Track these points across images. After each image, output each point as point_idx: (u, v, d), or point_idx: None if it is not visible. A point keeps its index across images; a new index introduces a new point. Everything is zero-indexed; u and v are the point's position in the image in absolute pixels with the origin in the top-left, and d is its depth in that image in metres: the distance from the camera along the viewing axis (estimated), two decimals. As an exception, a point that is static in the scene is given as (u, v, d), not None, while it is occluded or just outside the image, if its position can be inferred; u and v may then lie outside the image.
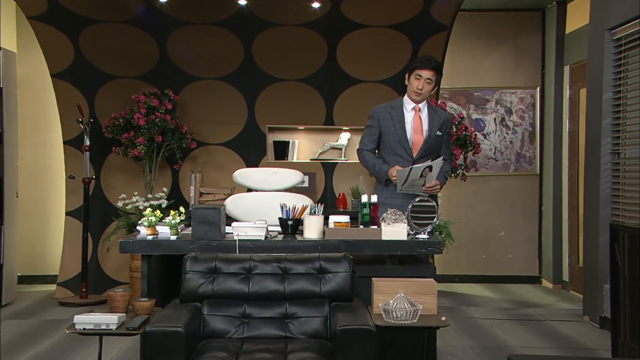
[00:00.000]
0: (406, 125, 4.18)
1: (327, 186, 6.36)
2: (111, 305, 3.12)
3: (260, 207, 4.34)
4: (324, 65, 6.19)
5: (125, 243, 3.47)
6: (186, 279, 3.18)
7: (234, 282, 3.17)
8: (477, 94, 7.16)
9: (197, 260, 3.21)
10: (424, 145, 4.16)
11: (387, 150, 4.25)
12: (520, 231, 7.16)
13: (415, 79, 4.14)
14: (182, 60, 6.17)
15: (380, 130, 4.24)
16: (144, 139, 5.79)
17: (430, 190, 4.08)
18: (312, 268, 3.22)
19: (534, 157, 7.14)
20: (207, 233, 3.45)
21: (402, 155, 4.17)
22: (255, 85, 6.25)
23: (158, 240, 3.48)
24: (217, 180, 6.26)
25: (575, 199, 6.57)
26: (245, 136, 6.32)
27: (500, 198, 7.19)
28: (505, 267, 7.16)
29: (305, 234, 3.60)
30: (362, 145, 4.35)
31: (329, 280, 3.20)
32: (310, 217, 3.60)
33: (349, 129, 6.40)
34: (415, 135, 4.18)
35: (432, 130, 4.17)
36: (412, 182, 4.03)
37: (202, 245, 3.44)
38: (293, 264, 3.23)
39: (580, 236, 6.47)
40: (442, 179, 4.19)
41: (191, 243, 3.45)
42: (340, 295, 3.19)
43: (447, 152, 4.30)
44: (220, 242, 3.45)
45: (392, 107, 4.26)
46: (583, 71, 6.43)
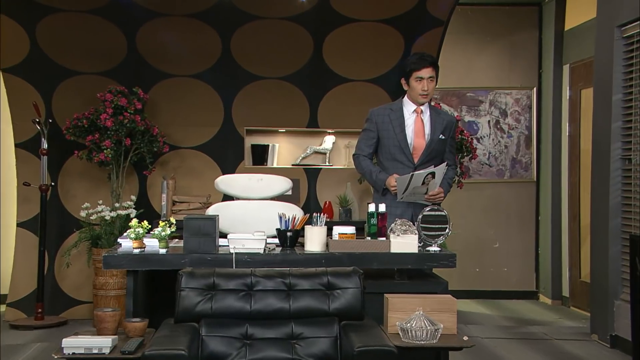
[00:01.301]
0: (407, 129, 4.22)
1: (310, 194, 6.38)
2: (100, 326, 3.08)
3: (245, 217, 4.32)
4: (308, 63, 6.21)
5: (109, 258, 3.43)
6: (182, 297, 3.15)
7: (234, 300, 3.16)
8: (469, 95, 7.27)
9: (194, 275, 3.19)
10: (426, 150, 4.20)
11: (386, 155, 4.28)
12: (516, 243, 7.28)
13: (417, 81, 4.19)
14: (152, 56, 6.12)
15: (378, 135, 4.27)
16: (111, 141, 5.73)
17: (433, 198, 4.12)
18: (319, 284, 3.23)
19: (531, 162, 7.28)
20: (200, 246, 3.43)
21: (402, 161, 4.20)
22: (232, 84, 6.23)
23: (146, 254, 3.45)
24: (189, 187, 6.23)
25: (576, 207, 6.70)
26: (221, 139, 6.30)
27: (495, 207, 7.30)
28: (500, 282, 7.26)
29: (307, 247, 3.60)
30: (358, 150, 4.37)
31: (338, 297, 3.21)
32: (312, 228, 3.61)
33: (334, 132, 6.42)
34: (416, 140, 4.22)
35: (435, 134, 4.22)
36: (413, 190, 4.06)
37: (195, 259, 3.42)
38: (298, 279, 3.23)
39: (582, 248, 6.60)
40: (445, 186, 4.23)
41: (183, 257, 3.43)
42: (350, 313, 3.20)
43: (451, 157, 4.35)
44: (215, 256, 3.44)
45: (391, 109, 4.30)
46: (585, 70, 6.58)
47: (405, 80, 4.25)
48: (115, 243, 5.81)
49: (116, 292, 5.80)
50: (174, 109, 6.23)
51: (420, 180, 4.02)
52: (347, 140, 6.43)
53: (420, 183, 4.03)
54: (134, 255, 3.43)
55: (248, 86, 6.25)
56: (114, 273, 5.76)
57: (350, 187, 6.17)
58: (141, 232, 3.45)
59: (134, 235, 3.45)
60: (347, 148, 6.44)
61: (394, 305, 3.17)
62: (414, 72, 4.18)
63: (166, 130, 6.09)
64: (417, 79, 4.18)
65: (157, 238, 3.48)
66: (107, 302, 5.76)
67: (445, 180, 4.22)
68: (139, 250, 3.46)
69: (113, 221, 5.82)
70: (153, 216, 6.04)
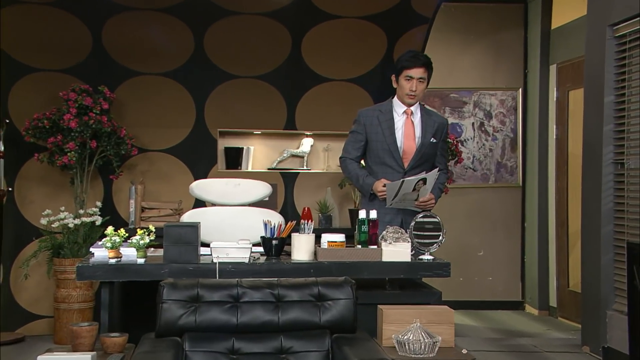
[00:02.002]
0: (396, 132, 4.24)
1: (287, 199, 6.38)
2: (75, 342, 3.04)
3: (222, 224, 4.32)
4: (286, 61, 6.20)
5: (83, 268, 3.40)
6: (163, 310, 3.13)
7: (220, 312, 3.14)
8: (453, 96, 7.34)
9: (176, 287, 3.17)
10: (417, 154, 4.23)
11: (374, 159, 4.29)
12: (501, 250, 7.36)
13: (406, 80, 4.21)
14: (119, 52, 6.06)
15: (366, 137, 4.29)
16: (75, 144, 5.67)
17: (424, 205, 4.14)
18: (310, 295, 3.23)
19: (516, 166, 7.37)
20: (182, 255, 3.42)
21: (391, 166, 4.23)
22: (205, 83, 6.20)
23: (123, 264, 3.42)
24: (159, 192, 6.19)
25: (564, 214, 6.80)
26: (193, 142, 6.27)
27: (479, 213, 7.37)
28: (485, 292, 7.34)
29: (295, 256, 3.61)
30: (345, 153, 4.39)
31: (329, 309, 3.21)
32: (299, 235, 3.62)
33: (313, 135, 6.44)
34: (406, 143, 4.24)
35: (426, 137, 4.25)
36: (403, 196, 4.09)
37: (176, 269, 3.42)
38: (287, 290, 3.23)
39: (571, 256, 6.71)
40: (437, 192, 4.26)
41: (163, 267, 3.42)
42: (342, 325, 3.20)
43: (443, 161, 4.38)
44: (197, 266, 3.44)
45: (380, 110, 4.32)
46: (572, 71, 6.69)
47: (395, 78, 4.28)
48: (79, 252, 5.77)
49: (79, 306, 5.74)
50: (143, 110, 6.18)
51: (411, 186, 4.05)
52: (326, 143, 6.45)
53: (410, 189, 4.06)
54: (110, 265, 3.41)
55: (222, 85, 6.22)
56: (77, 285, 5.70)
57: (331, 192, 6.19)
58: (118, 241, 3.43)
59: (110, 244, 3.42)
60: (326, 151, 6.46)
61: (389, 316, 3.19)
62: (405, 70, 4.21)
63: (134, 132, 6.04)
64: (406, 77, 4.21)
65: (135, 247, 3.45)
66: (69, 317, 5.70)
67: (437, 185, 4.25)
68: (116, 260, 3.44)
69: (77, 229, 5.76)
70: (120, 223, 5.97)
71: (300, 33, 6.14)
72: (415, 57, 4.23)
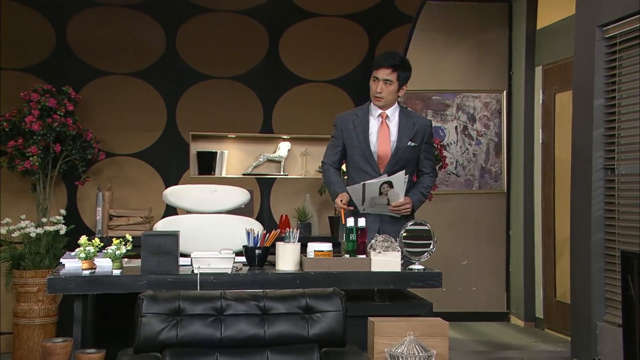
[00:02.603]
0: (370, 136, 4.30)
1: (263, 206, 6.39)
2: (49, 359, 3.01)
3: (198, 233, 4.33)
4: (263, 61, 6.23)
5: (54, 280, 3.37)
6: (142, 324, 3.10)
7: (203, 326, 3.13)
8: (435, 98, 7.40)
9: (156, 299, 3.15)
10: (392, 159, 4.28)
11: (352, 165, 4.37)
12: (485, 259, 7.43)
13: (373, 80, 4.28)
14: (85, 50, 6.03)
15: (343, 142, 4.35)
16: (38, 147, 5.62)
17: (397, 210, 4.20)
18: (297, 307, 3.23)
19: (501, 172, 7.45)
20: (161, 266, 3.42)
21: (367, 171, 4.28)
22: (177, 84, 6.20)
23: (98, 275, 3.41)
24: (127, 200, 6.16)
25: (551, 221, 6.89)
26: (163, 146, 6.26)
27: (462, 220, 7.43)
28: (469, 302, 7.39)
29: (280, 266, 3.63)
30: (324, 157, 4.48)
31: (317, 321, 3.22)
32: (284, 245, 3.63)
33: (290, 138, 6.46)
34: (381, 147, 4.30)
35: (402, 142, 4.29)
36: (371, 201, 4.13)
37: (155, 280, 3.41)
38: (273, 302, 3.23)
39: (558, 265, 6.79)
40: (418, 196, 4.32)
41: (140, 278, 3.41)
42: (331, 339, 3.21)
43: (428, 164, 4.42)
44: (176, 277, 3.43)
45: (356, 114, 4.38)
46: (559, 73, 6.79)
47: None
48: (41, 264, 5.70)
49: (42, 321, 5.68)
50: (110, 112, 6.15)
51: (376, 190, 4.10)
52: (304, 147, 6.47)
53: (376, 193, 4.10)
54: (84, 277, 3.40)
55: (195, 86, 6.22)
56: (39, 298, 5.64)
57: (309, 198, 6.20)
58: (92, 251, 3.41)
59: (84, 255, 3.40)
60: (304, 156, 6.48)
61: (381, 329, 3.21)
62: (374, 70, 4.28)
63: (101, 135, 6.00)
64: (373, 78, 4.28)
65: (111, 258, 3.43)
66: (30, 333, 5.63)
67: (418, 189, 4.32)
68: (90, 271, 3.42)
69: (39, 239, 5.69)
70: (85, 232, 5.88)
71: (278, 32, 6.16)
72: (385, 56, 4.28)
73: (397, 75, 4.25)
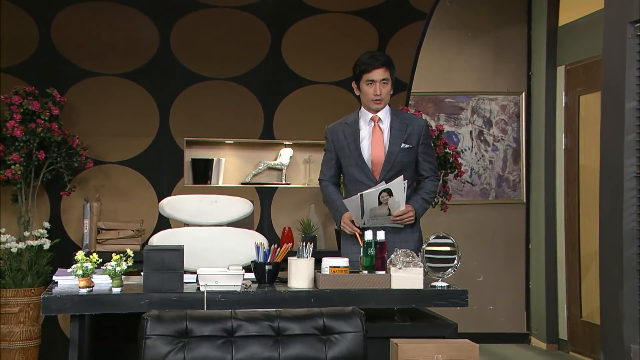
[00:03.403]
0: (361, 143, 4.38)
1: (263, 218, 6.40)
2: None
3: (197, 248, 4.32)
4: (264, 61, 6.25)
5: (49, 300, 3.37)
6: (147, 346, 3.10)
7: (212, 349, 3.12)
8: (448, 101, 7.43)
9: (162, 320, 3.14)
10: (387, 164, 4.34)
11: (348, 178, 4.46)
12: (503, 276, 7.44)
13: (368, 85, 4.35)
14: (71, 49, 6.04)
15: (336, 155, 4.45)
16: (20, 155, 5.62)
17: (400, 220, 4.25)
18: (314, 327, 3.23)
19: (520, 180, 7.47)
20: (164, 283, 3.42)
21: (363, 182, 4.35)
22: (171, 85, 6.21)
23: (96, 294, 3.42)
24: (116, 211, 6.17)
25: (575, 234, 6.90)
26: (155, 152, 6.27)
27: (478, 233, 7.45)
28: (485, 322, 7.40)
29: (292, 283, 3.65)
30: (320, 174, 4.59)
31: (336, 343, 3.21)
32: (297, 260, 3.65)
33: (293, 144, 6.48)
34: (374, 153, 4.37)
35: (395, 144, 4.35)
36: (372, 213, 4.18)
37: (158, 299, 3.42)
38: (288, 322, 3.22)
39: (584, 282, 6.81)
40: (420, 203, 4.37)
41: (143, 297, 3.41)
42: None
43: (428, 166, 4.46)
44: (181, 295, 3.44)
45: (346, 123, 4.49)
46: (584, 73, 6.82)
47: (357, 84, 4.42)
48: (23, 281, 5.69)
49: (23, 344, 5.67)
50: (98, 116, 6.15)
51: (374, 200, 4.14)
52: (308, 154, 6.49)
53: (376, 204, 4.14)
54: (82, 296, 3.40)
55: (190, 88, 6.24)
56: (20, 320, 5.64)
57: (314, 209, 6.22)
58: (90, 268, 3.41)
59: (81, 272, 3.40)
60: (308, 163, 6.50)
61: (405, 352, 3.22)
62: (364, 74, 4.34)
63: (88, 142, 6.01)
64: (368, 82, 4.34)
65: (110, 275, 3.44)
66: (11, 357, 5.62)
67: (420, 195, 4.38)
68: (87, 289, 3.43)
69: (21, 254, 5.69)
70: (70, 247, 5.94)
71: (281, 29, 6.18)
72: (373, 57, 4.37)
73: (390, 72, 4.37)
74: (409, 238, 4.31)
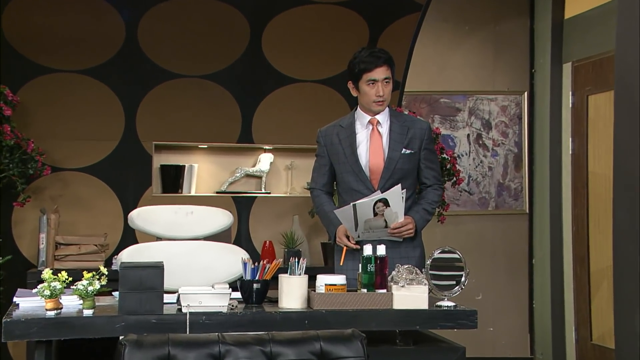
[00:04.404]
0: (358, 148, 4.38)
1: (241, 231, 6.41)
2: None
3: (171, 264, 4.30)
4: (243, 57, 6.27)
5: (12, 324, 3.35)
6: (125, 375, 3.09)
7: (197, 377, 3.12)
8: (443, 101, 7.45)
9: (141, 345, 3.12)
10: (386, 171, 4.35)
11: (342, 186, 4.46)
12: (504, 294, 7.45)
13: (369, 85, 4.34)
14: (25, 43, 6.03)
15: (330, 160, 4.45)
16: (-32, 161, 5.61)
17: (398, 233, 4.26)
18: (310, 352, 3.22)
19: (522, 189, 7.50)
20: (142, 304, 3.41)
21: (360, 190, 4.35)
22: (138, 83, 6.23)
23: (65, 317, 3.40)
24: (75, 224, 6.18)
25: (584, 248, 6.93)
26: (120, 158, 6.28)
27: (476, 247, 7.46)
28: (485, 346, 7.41)
29: (284, 303, 3.65)
30: (311, 182, 4.59)
31: (334, 370, 3.22)
32: (289, 278, 3.65)
33: (273, 149, 6.49)
34: (373, 159, 4.38)
35: (395, 149, 4.36)
36: (366, 225, 4.18)
37: (135, 322, 3.41)
38: (282, 346, 3.21)
39: (594, 301, 6.84)
40: (421, 214, 4.38)
41: (117, 320, 3.39)
42: (351, 391, 3.22)
43: (431, 174, 4.48)
44: (161, 318, 3.43)
45: (340, 125, 4.48)
46: (593, 71, 6.87)
47: (354, 84, 4.41)
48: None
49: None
50: (56, 117, 6.16)
51: (369, 211, 4.16)
52: (290, 160, 6.51)
53: (371, 215, 4.16)
54: (49, 319, 3.37)
55: (159, 87, 6.26)
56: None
57: (298, 220, 6.22)
58: (59, 288, 3.40)
59: (48, 292, 3.39)
60: (290, 170, 6.52)
61: (412, 379, 3.22)
62: (365, 74, 4.33)
63: (44, 146, 5.99)
64: (369, 82, 4.33)
65: (82, 295, 3.43)
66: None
67: (421, 206, 4.39)
68: (55, 312, 3.41)
69: (-32, 273, 5.66)
70: (22, 265, 5.94)
71: (261, 21, 6.20)
72: (374, 55, 4.35)
73: (392, 71, 4.38)
74: (410, 254, 4.32)
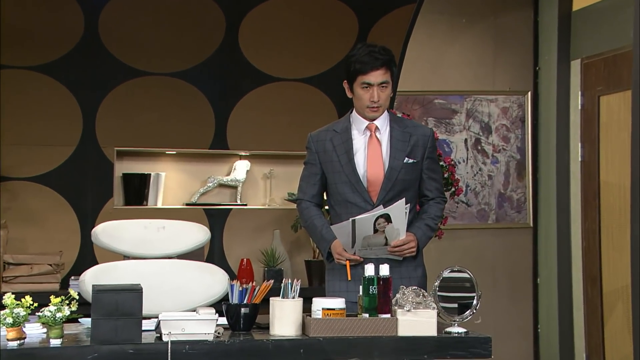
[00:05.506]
0: (356, 156, 4.37)
1: (214, 248, 6.42)
2: None
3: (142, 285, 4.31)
4: (216, 53, 6.28)
5: (-30, 355, 3.31)
6: (101, 413, 3.08)
7: (183, 415, 3.12)
8: (438, 102, 7.46)
9: (119, 379, 3.13)
10: (387, 182, 4.34)
11: (335, 197, 4.43)
12: (507, 317, 7.47)
13: (363, 89, 4.33)
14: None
15: (322, 169, 4.43)
16: None
17: (399, 251, 4.26)
18: (308, 385, 3.24)
19: (525, 200, 7.53)
20: (118, 332, 3.40)
21: (356, 203, 4.34)
22: (98, 82, 6.23)
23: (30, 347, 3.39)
24: (26, 240, 6.15)
25: (596, 266, 6.96)
26: (77, 166, 6.29)
27: (474, 264, 7.43)
28: (485, 375, 7.44)
29: (276, 330, 3.65)
30: (299, 192, 4.54)
31: (335, 405, 3.23)
32: (282, 301, 3.65)
33: (250, 155, 6.50)
34: (371, 169, 4.37)
35: (397, 158, 4.36)
36: (365, 242, 4.20)
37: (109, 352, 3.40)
38: (277, 379, 3.23)
39: (607, 325, 6.87)
40: (424, 230, 4.39)
41: (90, 350, 3.38)
42: None
43: (434, 185, 4.49)
44: (139, 347, 3.41)
45: (335, 130, 4.46)
46: (605, 69, 6.90)
47: (349, 85, 4.40)
48: None
49: None
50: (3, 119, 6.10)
51: (369, 227, 4.16)
52: (269, 168, 6.53)
53: (371, 231, 4.16)
54: (12, 350, 3.36)
55: (122, 86, 6.27)
56: None
57: (279, 235, 6.22)
58: (23, 315, 3.37)
59: (10, 320, 3.37)
60: (268, 179, 6.52)
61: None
62: (359, 76, 4.32)
63: (-10, 152, 5.98)
64: (363, 85, 4.32)
65: (48, 323, 3.40)
66: None
67: (423, 221, 4.39)
68: (18, 342, 3.39)
69: None
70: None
71: (238, 13, 6.21)
72: (371, 54, 4.32)
73: (391, 73, 4.36)
74: (411, 274, 4.32)
